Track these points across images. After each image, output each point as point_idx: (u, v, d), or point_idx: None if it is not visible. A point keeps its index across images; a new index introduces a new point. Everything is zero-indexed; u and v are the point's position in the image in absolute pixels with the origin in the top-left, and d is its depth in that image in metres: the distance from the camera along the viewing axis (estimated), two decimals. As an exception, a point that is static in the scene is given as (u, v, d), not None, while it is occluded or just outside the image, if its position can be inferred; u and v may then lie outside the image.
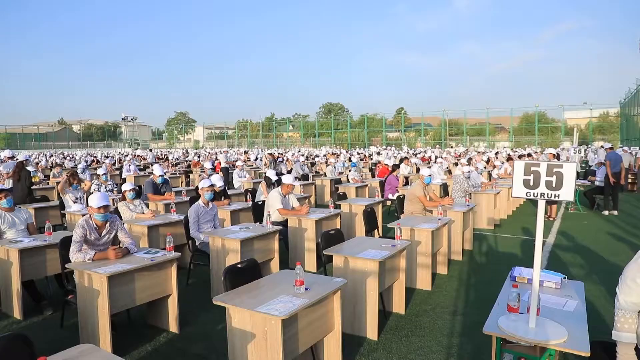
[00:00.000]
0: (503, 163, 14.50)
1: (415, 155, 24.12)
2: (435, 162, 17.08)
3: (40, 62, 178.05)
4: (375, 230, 6.80)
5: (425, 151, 28.40)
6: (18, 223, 5.30)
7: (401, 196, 7.83)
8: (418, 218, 6.26)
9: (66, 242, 4.30)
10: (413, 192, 7.07)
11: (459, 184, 8.56)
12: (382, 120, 55.13)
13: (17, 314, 4.70)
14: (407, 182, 11.52)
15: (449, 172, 14.48)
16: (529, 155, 20.28)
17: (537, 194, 2.52)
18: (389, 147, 35.57)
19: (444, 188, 10.59)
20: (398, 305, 4.75)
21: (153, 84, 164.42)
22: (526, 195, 2.55)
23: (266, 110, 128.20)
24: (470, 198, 8.28)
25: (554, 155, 11.66)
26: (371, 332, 4.12)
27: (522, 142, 44.04)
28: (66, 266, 4.11)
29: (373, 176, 14.86)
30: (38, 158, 25.22)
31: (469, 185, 8.61)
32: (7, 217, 5.26)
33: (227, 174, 15.28)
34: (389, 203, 10.36)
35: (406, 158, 15.87)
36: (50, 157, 27.89)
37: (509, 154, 21.35)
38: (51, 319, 4.68)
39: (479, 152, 23.64)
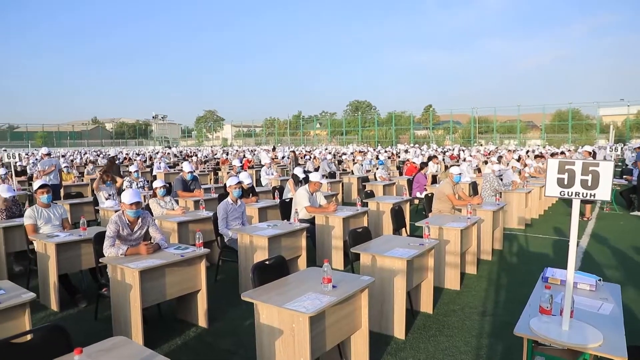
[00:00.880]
0: (532, 161, 14.16)
1: (444, 153, 23.81)
2: (464, 160, 16.81)
3: (75, 63, 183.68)
4: (403, 229, 6.74)
5: (453, 149, 27.97)
6: (53, 218, 5.48)
7: (429, 194, 7.74)
8: (447, 217, 6.18)
9: (100, 237, 4.43)
10: (442, 191, 6.98)
11: (488, 182, 8.40)
12: (410, 118, 54.54)
13: (54, 306, 4.87)
14: (435, 181, 11.38)
15: (479, 170, 14.23)
16: (562, 153, 19.73)
17: (572, 193, 2.45)
18: (416, 145, 35.17)
19: (473, 187, 10.41)
20: (426, 304, 4.70)
21: (183, 82, 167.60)
22: (560, 194, 2.48)
23: (293, 108, 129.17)
24: (501, 197, 8.12)
25: (589, 153, 11.29)
26: (398, 331, 4.09)
27: (554, 140, 42.83)
28: (100, 260, 4.24)
29: (401, 174, 14.72)
30: (73, 156, 26.01)
31: (500, 184, 8.44)
32: (44, 212, 5.44)
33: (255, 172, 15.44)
34: (416, 201, 10.26)
35: (434, 156, 15.68)
36: (84, 154, 28.75)
37: (540, 152, 20.82)
38: (85, 311, 4.83)
39: (509, 150, 23.12)
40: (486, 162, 15.96)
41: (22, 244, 5.77)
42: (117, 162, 9.24)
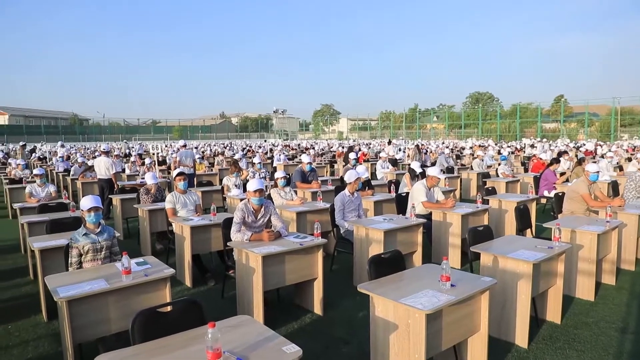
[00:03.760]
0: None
1: (577, 148, 21.63)
2: (602, 156, 15.09)
3: (207, 63, 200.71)
4: (528, 230, 6.27)
5: (585, 144, 25.23)
6: (189, 204, 6.06)
7: (559, 194, 7.08)
8: (580, 219, 5.60)
9: (227, 223, 4.80)
10: (576, 190, 6.33)
11: (633, 182, 7.41)
12: (538, 109, 50.31)
13: (187, 282, 5.41)
14: (566, 179, 10.37)
15: (620, 168, 12.67)
16: None
17: None
18: (544, 140, 32.33)
19: (614, 187, 9.30)
20: (553, 313, 4.33)
21: (302, 77, 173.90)
22: None
23: (410, 101, 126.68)
24: (649, 199, 7.12)
25: None
26: (520, 338, 3.82)
27: None
28: (227, 244, 4.59)
29: (526, 171, 13.71)
30: (204, 148, 28.47)
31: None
32: (181, 198, 6.04)
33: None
34: (544, 201, 9.46)
35: (565, 152, 14.30)
36: (213, 146, 31.31)
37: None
38: (213, 289, 5.28)
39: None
40: (630, 160, 14.16)
41: (163, 225, 6.51)
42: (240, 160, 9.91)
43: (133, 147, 28.03)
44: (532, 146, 25.17)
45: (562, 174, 10.45)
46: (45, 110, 78.42)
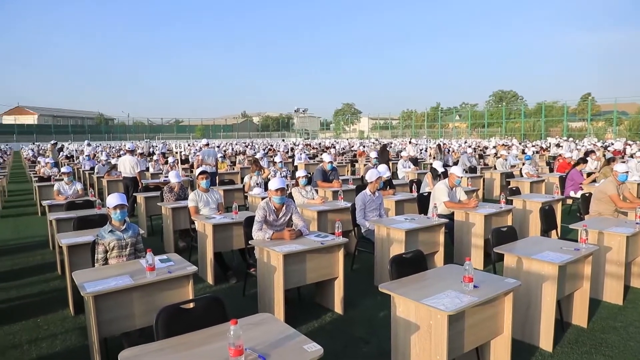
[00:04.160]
0: None
1: (605, 148, 21.08)
2: (632, 156, 14.67)
3: (230, 62, 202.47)
4: (553, 231, 6.14)
5: (614, 143, 24.54)
6: (211, 202, 6.13)
7: (586, 194, 6.91)
8: (608, 220, 5.45)
9: (249, 221, 4.84)
10: (603, 190, 6.17)
11: (664, 183, 7.20)
12: (563, 108, 49.14)
13: (209, 279, 5.47)
14: (594, 180, 10.12)
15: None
16: None
17: None
18: (570, 139, 31.56)
19: (643, 187, 9.03)
20: (579, 317, 4.23)
21: (323, 77, 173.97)
22: None
23: (431, 99, 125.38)
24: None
25: None
26: (545, 342, 3.75)
27: None
28: (249, 242, 4.62)
29: (551, 171, 13.42)
30: (225, 147, 28.74)
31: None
32: (204, 196, 6.11)
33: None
34: (569, 201, 9.26)
35: (592, 151, 13.95)
36: (235, 145, 31.59)
37: None
38: (235, 287, 5.32)
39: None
40: (661, 160, 13.71)
41: (186, 223, 6.60)
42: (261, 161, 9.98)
43: (156, 146, 28.51)
44: (558, 145, 24.63)
45: (589, 174, 10.21)
46: (72, 110, 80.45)
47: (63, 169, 8.15)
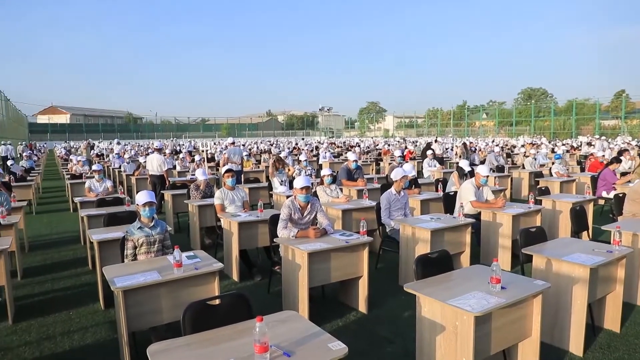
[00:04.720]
0: None
1: (640, 147, 20.40)
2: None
3: (255, 61, 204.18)
4: (584, 232, 5.98)
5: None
6: (237, 200, 6.19)
7: (620, 195, 6.70)
8: (643, 222, 5.27)
9: (274, 219, 4.87)
10: (638, 191, 5.97)
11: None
12: (596, 105, 47.71)
13: (235, 276, 5.53)
14: (629, 180, 9.80)
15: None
16: None
17: None
18: (603, 138, 30.62)
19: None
20: (611, 321, 4.11)
21: (348, 75, 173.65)
22: None
23: (458, 98, 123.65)
24: None
25: None
26: (575, 346, 3.66)
27: None
28: (274, 240, 4.65)
29: (582, 170, 13.06)
30: (251, 145, 28.99)
31: None
32: (229, 194, 6.18)
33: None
34: (602, 202, 8.99)
35: (627, 150, 13.51)
36: (260, 143, 31.83)
37: None
38: (259, 284, 5.37)
39: None
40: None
41: (212, 220, 6.70)
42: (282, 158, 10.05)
43: (183, 145, 28.98)
44: (589, 144, 23.94)
45: (623, 174, 9.89)
46: (102, 109, 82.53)
47: (94, 167, 8.37)
